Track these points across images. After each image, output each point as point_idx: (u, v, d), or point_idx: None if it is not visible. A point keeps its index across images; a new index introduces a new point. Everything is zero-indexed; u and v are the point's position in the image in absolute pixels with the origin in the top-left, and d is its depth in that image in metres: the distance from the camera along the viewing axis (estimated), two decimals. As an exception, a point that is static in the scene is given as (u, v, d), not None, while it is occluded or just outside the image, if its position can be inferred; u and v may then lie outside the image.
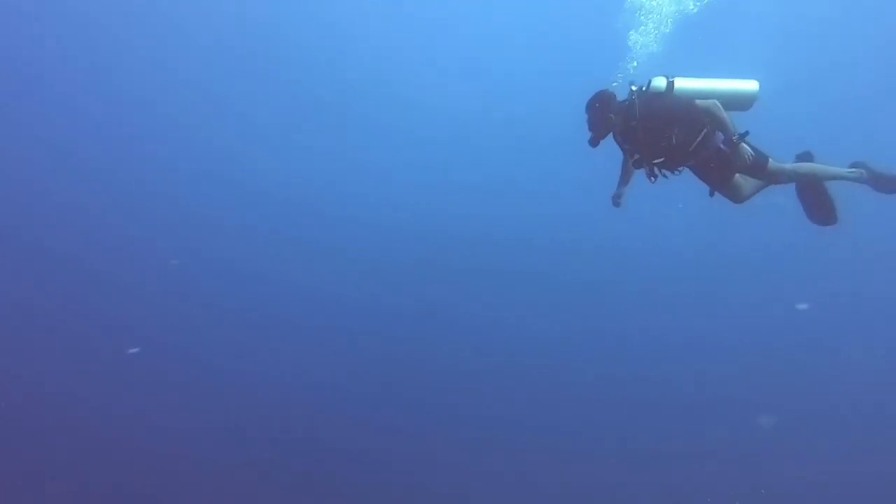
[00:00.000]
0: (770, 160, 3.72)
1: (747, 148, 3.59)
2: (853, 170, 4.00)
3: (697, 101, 3.58)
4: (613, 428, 13.25)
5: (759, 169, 3.72)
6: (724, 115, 3.53)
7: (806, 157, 4.07)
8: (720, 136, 3.62)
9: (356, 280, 25.26)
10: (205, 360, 18.61)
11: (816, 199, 4.12)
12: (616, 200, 4.20)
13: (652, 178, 3.83)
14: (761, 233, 24.92)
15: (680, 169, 3.78)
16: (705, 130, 3.58)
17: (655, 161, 3.68)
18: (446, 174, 29.05)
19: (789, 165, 3.87)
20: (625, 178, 4.13)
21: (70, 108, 23.30)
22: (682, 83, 3.67)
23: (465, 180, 28.60)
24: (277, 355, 20.18)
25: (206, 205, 25.53)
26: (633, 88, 3.71)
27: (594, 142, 3.92)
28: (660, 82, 3.67)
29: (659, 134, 3.58)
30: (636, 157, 3.77)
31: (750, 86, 3.75)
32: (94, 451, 12.68)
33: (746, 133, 3.55)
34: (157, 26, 21.48)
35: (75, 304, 20.08)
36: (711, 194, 3.96)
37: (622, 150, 3.95)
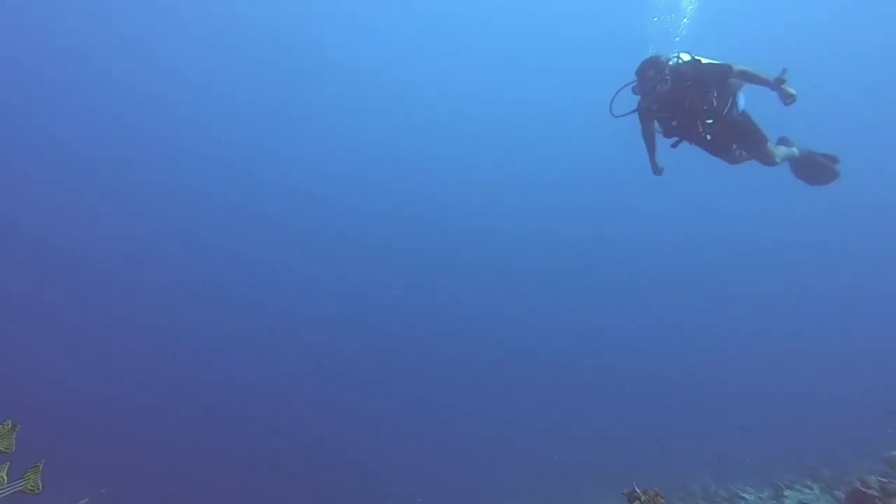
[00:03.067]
0: (768, 140, 4.20)
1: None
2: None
3: (735, 66, 3.97)
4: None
5: (760, 144, 4.15)
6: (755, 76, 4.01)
7: (784, 141, 4.53)
8: (740, 104, 4.09)
9: (371, 272, 25.38)
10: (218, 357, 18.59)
11: (812, 165, 4.44)
12: (657, 170, 4.51)
13: (707, 136, 4.06)
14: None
15: (710, 134, 4.07)
16: (732, 97, 4.05)
17: (706, 121, 4.01)
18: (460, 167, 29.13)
19: (783, 148, 4.38)
20: (652, 149, 4.44)
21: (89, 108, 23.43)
22: (706, 60, 4.06)
23: (481, 174, 28.76)
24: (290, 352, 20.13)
25: (216, 202, 25.63)
26: (679, 57, 4.05)
27: (644, 105, 4.16)
28: (691, 56, 4.06)
29: (704, 96, 3.96)
30: (674, 123, 4.11)
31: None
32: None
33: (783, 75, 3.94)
34: (164, 25, 21.85)
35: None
36: (732, 163, 4.35)
37: (658, 118, 4.22)
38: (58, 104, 23.14)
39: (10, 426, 1.98)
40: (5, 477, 1.96)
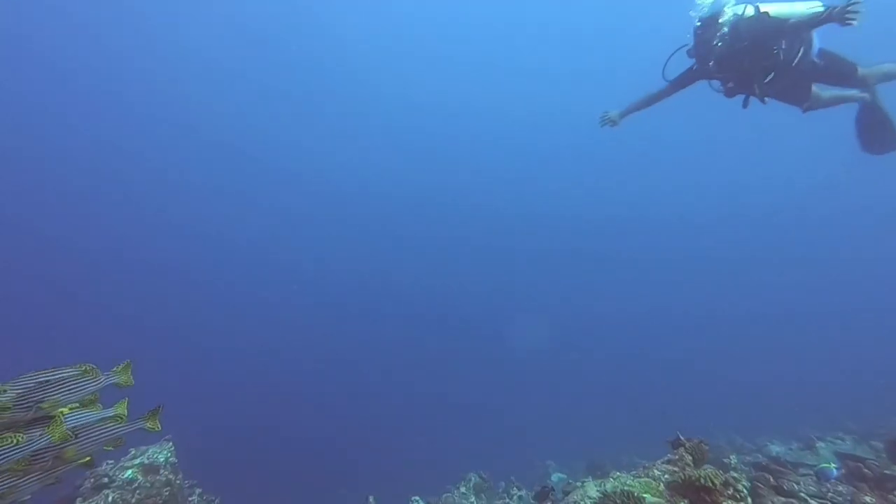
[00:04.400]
0: (858, 66, 4.00)
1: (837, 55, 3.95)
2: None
3: (796, 17, 3.76)
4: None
5: (851, 74, 3.96)
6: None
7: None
8: (814, 49, 3.91)
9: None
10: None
11: (879, 121, 4.18)
12: (611, 119, 4.52)
13: (764, 99, 3.99)
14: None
15: (766, 96, 3.95)
16: (803, 46, 3.86)
17: (763, 81, 3.88)
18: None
19: (875, 67, 4.10)
20: (643, 105, 4.41)
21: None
22: (770, 7, 3.89)
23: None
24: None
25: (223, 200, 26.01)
26: (739, 13, 3.90)
27: (698, 70, 4.09)
28: (755, 8, 3.89)
29: (767, 51, 3.80)
30: (730, 84, 4.01)
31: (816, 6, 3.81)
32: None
33: None
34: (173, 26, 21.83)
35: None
36: (804, 110, 4.18)
37: (716, 79, 4.09)
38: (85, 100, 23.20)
39: (128, 362, 2.30)
40: (126, 412, 2.27)
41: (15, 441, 1.87)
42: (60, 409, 2.02)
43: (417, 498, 6.66)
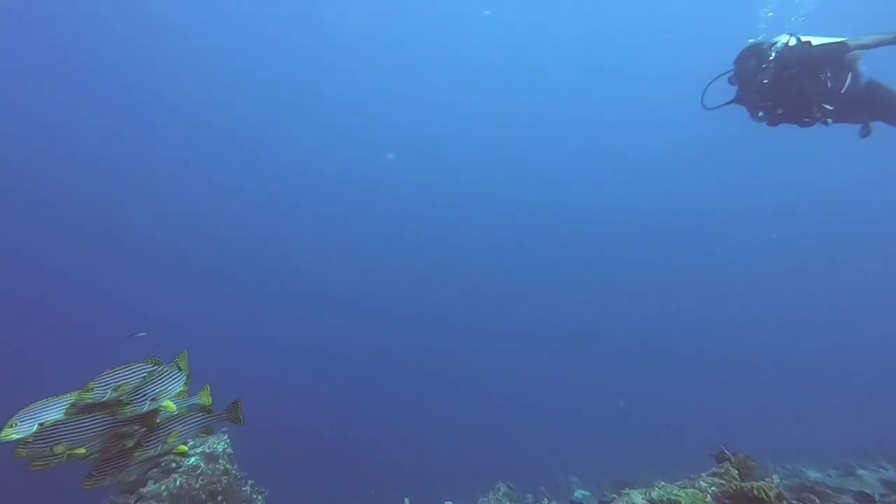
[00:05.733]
0: None
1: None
2: None
3: (851, 41, 3.79)
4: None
5: None
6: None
7: None
8: (863, 78, 3.86)
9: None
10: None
11: None
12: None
13: (828, 121, 3.96)
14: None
15: (830, 118, 3.92)
16: (851, 73, 3.82)
17: (815, 106, 3.85)
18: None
19: None
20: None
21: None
22: (812, 39, 3.87)
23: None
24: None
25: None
26: (783, 42, 3.92)
27: (740, 98, 4.08)
28: (797, 38, 3.89)
29: (815, 80, 3.78)
30: (779, 112, 3.98)
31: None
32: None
33: None
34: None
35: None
36: (863, 134, 4.07)
37: (762, 107, 4.09)
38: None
39: (186, 352, 2.49)
40: (211, 398, 2.47)
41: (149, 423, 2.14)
42: (167, 402, 2.27)
43: (450, 502, 6.81)
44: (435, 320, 23.33)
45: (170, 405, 2.25)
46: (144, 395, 2.10)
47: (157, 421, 2.19)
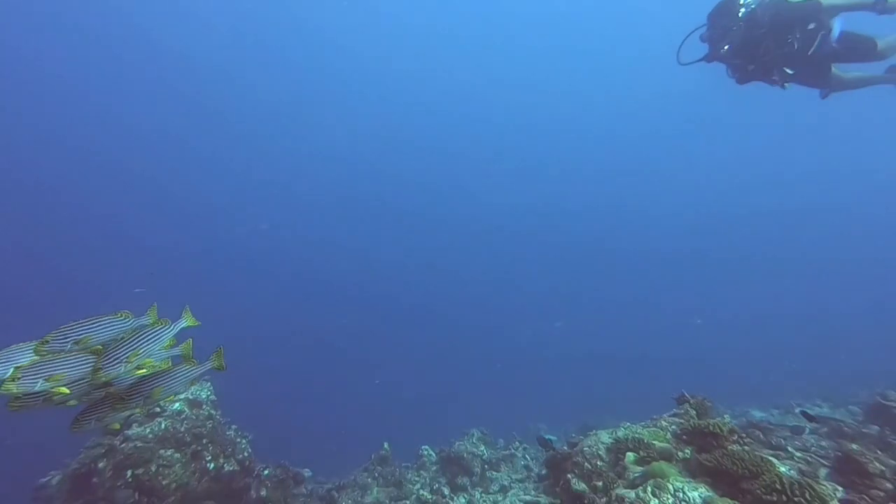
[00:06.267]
0: (877, 41, 3.84)
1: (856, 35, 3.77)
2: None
3: (822, 2, 3.65)
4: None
5: (871, 52, 3.81)
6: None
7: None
8: (834, 34, 3.73)
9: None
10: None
11: None
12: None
13: (784, 85, 3.91)
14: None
15: (788, 82, 3.85)
16: (822, 33, 3.71)
17: (784, 69, 3.77)
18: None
19: (893, 38, 3.92)
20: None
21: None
22: None
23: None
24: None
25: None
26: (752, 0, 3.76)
27: (711, 57, 3.97)
28: None
29: (782, 41, 3.68)
30: (750, 68, 3.87)
31: None
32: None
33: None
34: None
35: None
36: (823, 96, 4.09)
37: (731, 65, 3.99)
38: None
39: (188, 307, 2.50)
40: (191, 352, 2.50)
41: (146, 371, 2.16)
42: (147, 360, 2.26)
43: (427, 447, 7.18)
44: (417, 274, 23.69)
45: (148, 361, 2.25)
46: (116, 358, 2.08)
47: (142, 375, 2.19)
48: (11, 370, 1.94)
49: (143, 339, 2.20)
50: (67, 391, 2.02)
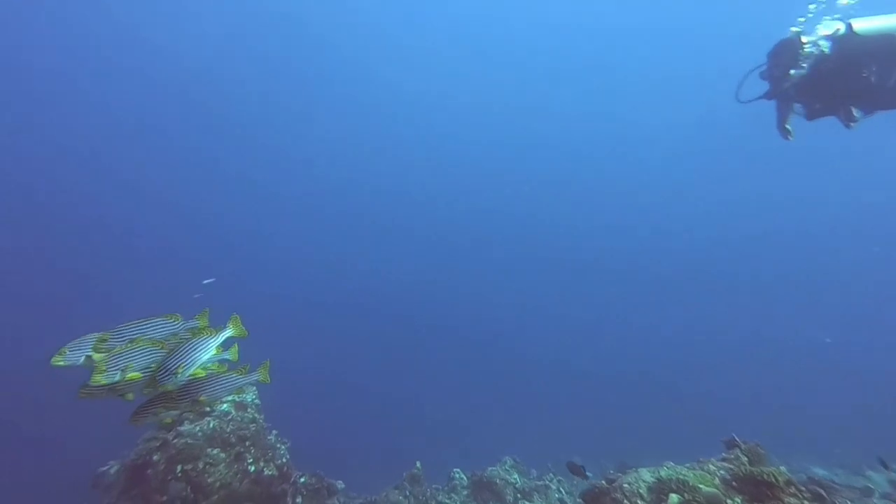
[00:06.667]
0: None
1: None
2: None
3: None
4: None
5: None
6: None
7: None
8: None
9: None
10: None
11: None
12: (786, 134, 4.04)
13: (850, 124, 3.68)
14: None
15: (853, 123, 3.62)
16: None
17: (851, 111, 3.57)
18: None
19: None
20: (786, 116, 3.98)
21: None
22: (863, 24, 3.53)
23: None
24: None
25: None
26: (824, 34, 3.64)
27: (772, 94, 3.83)
28: (847, 25, 3.55)
29: (855, 74, 3.46)
30: (817, 106, 3.68)
31: None
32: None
33: None
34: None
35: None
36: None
37: (797, 102, 3.84)
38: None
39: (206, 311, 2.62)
40: (237, 356, 2.63)
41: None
42: (196, 370, 2.43)
43: (459, 470, 7.10)
44: (458, 298, 23.75)
45: (199, 373, 2.42)
46: (168, 370, 2.25)
47: (192, 379, 2.37)
48: (83, 359, 2.19)
49: (191, 350, 2.37)
50: (140, 376, 2.24)
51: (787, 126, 4.00)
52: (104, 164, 24.25)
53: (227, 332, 2.58)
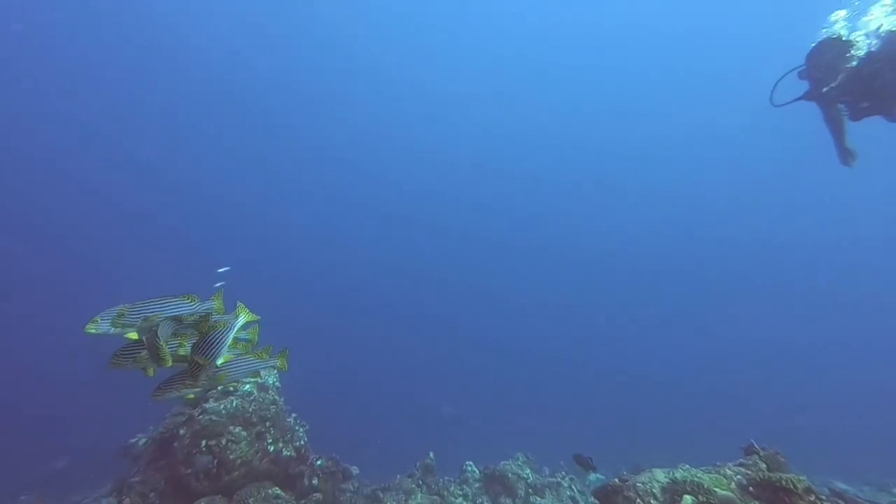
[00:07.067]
0: None
1: None
2: None
3: None
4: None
5: None
6: None
7: None
8: None
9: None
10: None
11: None
12: (847, 157, 3.86)
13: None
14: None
15: None
16: None
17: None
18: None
19: None
20: (840, 133, 3.81)
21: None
22: None
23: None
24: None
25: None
26: (868, 31, 3.54)
27: (812, 94, 3.69)
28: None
29: None
30: (864, 105, 3.56)
31: None
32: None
33: None
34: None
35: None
36: None
37: (840, 103, 3.70)
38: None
39: (221, 292, 2.70)
40: (257, 338, 2.71)
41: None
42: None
43: (471, 463, 7.15)
44: (478, 299, 23.84)
45: (227, 357, 2.51)
46: (208, 349, 2.32)
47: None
48: (110, 327, 2.28)
49: (222, 335, 2.45)
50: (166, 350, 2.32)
51: (848, 146, 3.81)
52: (123, 153, 25.08)
53: (241, 320, 2.65)
